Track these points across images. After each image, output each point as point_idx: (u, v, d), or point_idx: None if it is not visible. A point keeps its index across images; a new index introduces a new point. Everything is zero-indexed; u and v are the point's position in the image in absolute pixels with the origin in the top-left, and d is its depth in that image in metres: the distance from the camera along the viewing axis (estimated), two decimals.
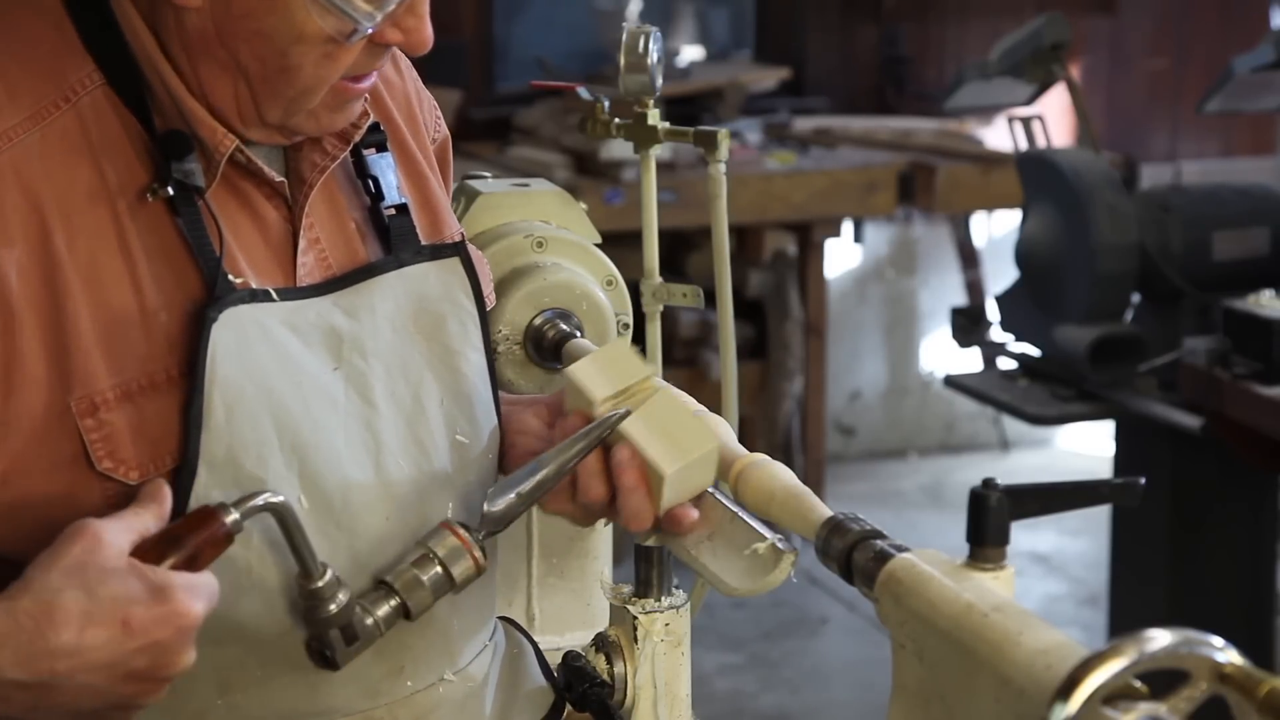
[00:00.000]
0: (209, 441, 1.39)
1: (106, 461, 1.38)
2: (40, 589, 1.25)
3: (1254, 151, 6.58)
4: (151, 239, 1.41)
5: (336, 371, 1.47)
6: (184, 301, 1.41)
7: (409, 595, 1.42)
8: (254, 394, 1.41)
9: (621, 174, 4.96)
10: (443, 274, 1.57)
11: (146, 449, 1.39)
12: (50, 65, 1.41)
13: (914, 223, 6.32)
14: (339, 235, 1.52)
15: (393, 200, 1.56)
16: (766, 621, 4.99)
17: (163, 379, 1.40)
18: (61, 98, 1.40)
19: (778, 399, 5.54)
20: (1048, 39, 4.05)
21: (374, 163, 1.56)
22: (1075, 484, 1.35)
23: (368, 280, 1.51)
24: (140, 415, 1.39)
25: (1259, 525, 3.80)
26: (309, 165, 1.50)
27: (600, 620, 1.84)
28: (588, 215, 2.01)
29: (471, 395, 1.56)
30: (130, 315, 1.39)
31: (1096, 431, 5.94)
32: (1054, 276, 3.82)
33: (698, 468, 1.47)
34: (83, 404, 1.37)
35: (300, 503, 1.43)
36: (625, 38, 1.94)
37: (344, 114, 1.47)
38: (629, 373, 1.51)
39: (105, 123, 1.41)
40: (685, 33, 5.97)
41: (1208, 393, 3.46)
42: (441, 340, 1.55)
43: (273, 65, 1.40)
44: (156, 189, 1.40)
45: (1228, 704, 1.07)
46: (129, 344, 1.39)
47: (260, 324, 1.43)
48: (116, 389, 1.38)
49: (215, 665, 1.42)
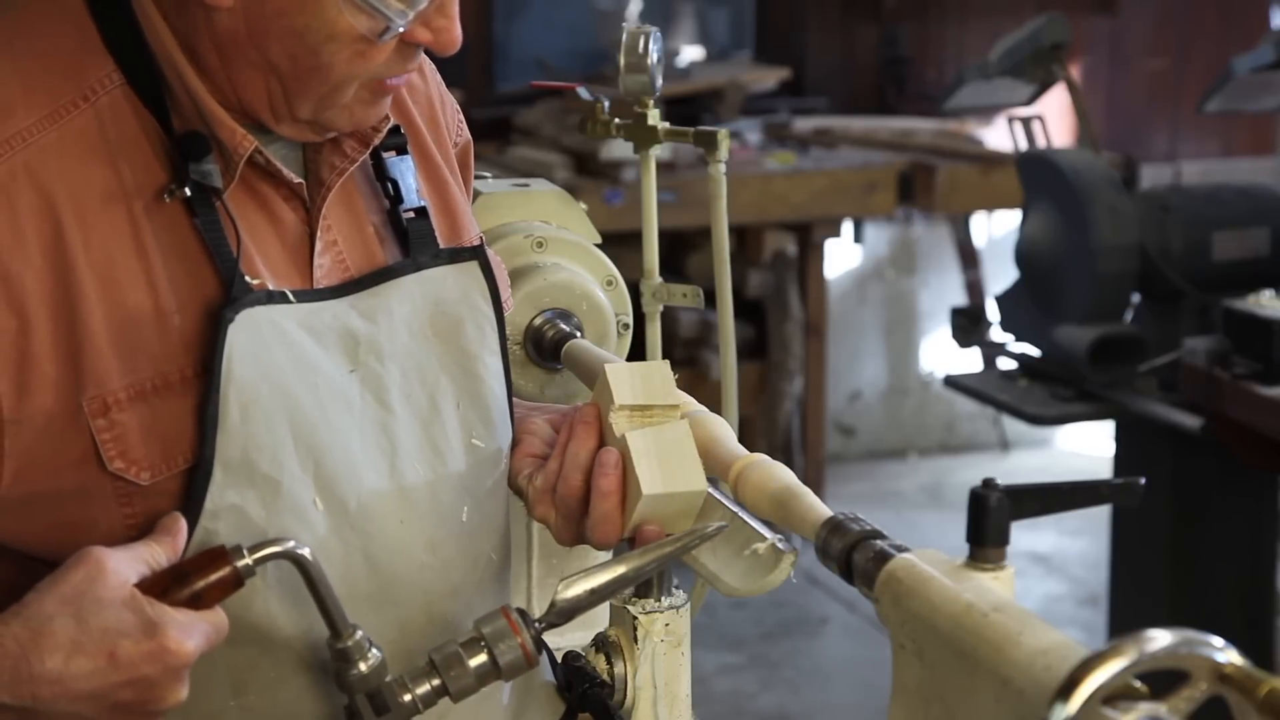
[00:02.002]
0: (224, 443, 1.39)
1: (118, 461, 1.37)
2: (33, 614, 1.26)
3: (1254, 151, 6.58)
4: (168, 239, 1.40)
5: (353, 374, 1.47)
6: (200, 302, 1.40)
7: (451, 678, 1.39)
8: (270, 395, 1.41)
9: (621, 174, 4.96)
10: (460, 278, 1.56)
11: (158, 449, 1.38)
12: (70, 64, 1.41)
13: (914, 223, 6.32)
14: (357, 238, 1.52)
15: (412, 203, 1.55)
16: (766, 621, 4.99)
17: (177, 379, 1.39)
18: (80, 97, 1.40)
19: (778, 399, 5.55)
20: (1048, 39, 4.05)
21: (393, 165, 1.55)
22: (1075, 484, 1.34)
23: (385, 283, 1.51)
24: (153, 416, 1.38)
25: (1259, 525, 3.80)
26: (328, 167, 1.49)
27: (600, 620, 1.84)
28: (588, 215, 2.01)
29: (488, 399, 1.56)
30: (145, 315, 1.39)
31: (1096, 431, 5.95)
32: (1054, 276, 3.82)
33: (678, 504, 1.46)
34: (95, 404, 1.37)
35: (315, 505, 1.43)
36: (625, 38, 1.94)
37: (377, 109, 1.47)
38: (660, 394, 1.50)
39: (123, 123, 1.41)
40: (685, 33, 5.98)
41: (1208, 393, 3.46)
42: (458, 344, 1.54)
43: (305, 64, 1.40)
44: (174, 189, 1.40)
45: (1228, 704, 1.07)
46: (143, 344, 1.38)
47: (276, 325, 1.42)
48: (129, 389, 1.38)
49: (229, 666, 1.42)
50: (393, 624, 1.48)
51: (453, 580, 1.52)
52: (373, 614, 1.46)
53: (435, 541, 1.50)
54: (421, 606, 1.50)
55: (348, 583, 1.44)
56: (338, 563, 1.43)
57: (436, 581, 1.51)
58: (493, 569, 1.58)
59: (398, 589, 1.48)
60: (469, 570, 1.54)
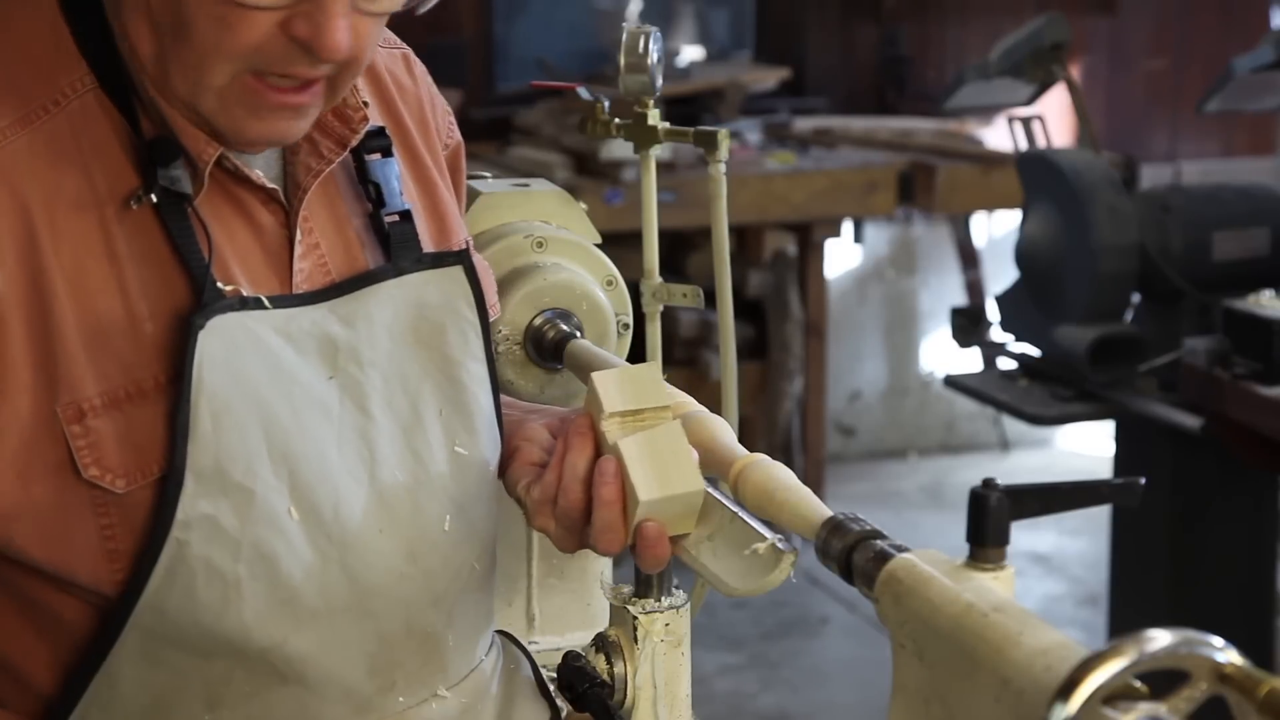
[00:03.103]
0: (195, 451, 1.37)
1: (93, 469, 1.36)
2: None
3: (1254, 151, 6.58)
4: (139, 245, 1.38)
5: (331, 381, 1.44)
6: (171, 309, 1.38)
7: None
8: (242, 403, 1.39)
9: (621, 174, 4.96)
10: (444, 283, 1.54)
11: (133, 457, 1.37)
12: (42, 66, 1.39)
13: (914, 223, 6.32)
14: (339, 242, 1.50)
15: (395, 206, 1.53)
16: (766, 621, 4.99)
17: (150, 386, 1.37)
18: (51, 101, 1.38)
19: (778, 399, 5.54)
20: (1048, 39, 4.05)
21: (377, 168, 1.53)
22: (1075, 484, 1.34)
23: (366, 288, 1.49)
24: (127, 423, 1.36)
25: (1259, 525, 3.80)
26: (303, 169, 1.47)
27: (600, 620, 1.84)
28: (588, 215, 2.01)
29: (471, 406, 1.54)
30: (117, 322, 1.37)
31: (1096, 431, 5.94)
32: (1054, 276, 3.82)
33: (677, 505, 1.46)
34: (69, 410, 1.35)
35: (290, 514, 1.41)
36: (625, 38, 1.94)
37: (263, 124, 1.38)
38: (649, 396, 1.50)
39: (95, 127, 1.39)
40: (685, 33, 5.97)
41: (1208, 393, 3.46)
42: (441, 350, 1.53)
43: (169, 17, 1.34)
44: (141, 195, 1.38)
45: (1228, 704, 1.07)
46: (115, 351, 1.36)
47: (250, 332, 1.40)
48: (103, 395, 1.36)
49: (203, 680, 1.41)
50: (372, 636, 1.46)
51: (434, 591, 1.50)
52: (351, 626, 1.44)
53: (416, 551, 1.48)
54: (402, 618, 1.48)
55: (325, 594, 1.42)
56: (315, 574, 1.41)
57: (417, 592, 1.49)
58: (476, 579, 1.56)
59: (377, 600, 1.46)
60: (451, 580, 1.52)
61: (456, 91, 5.38)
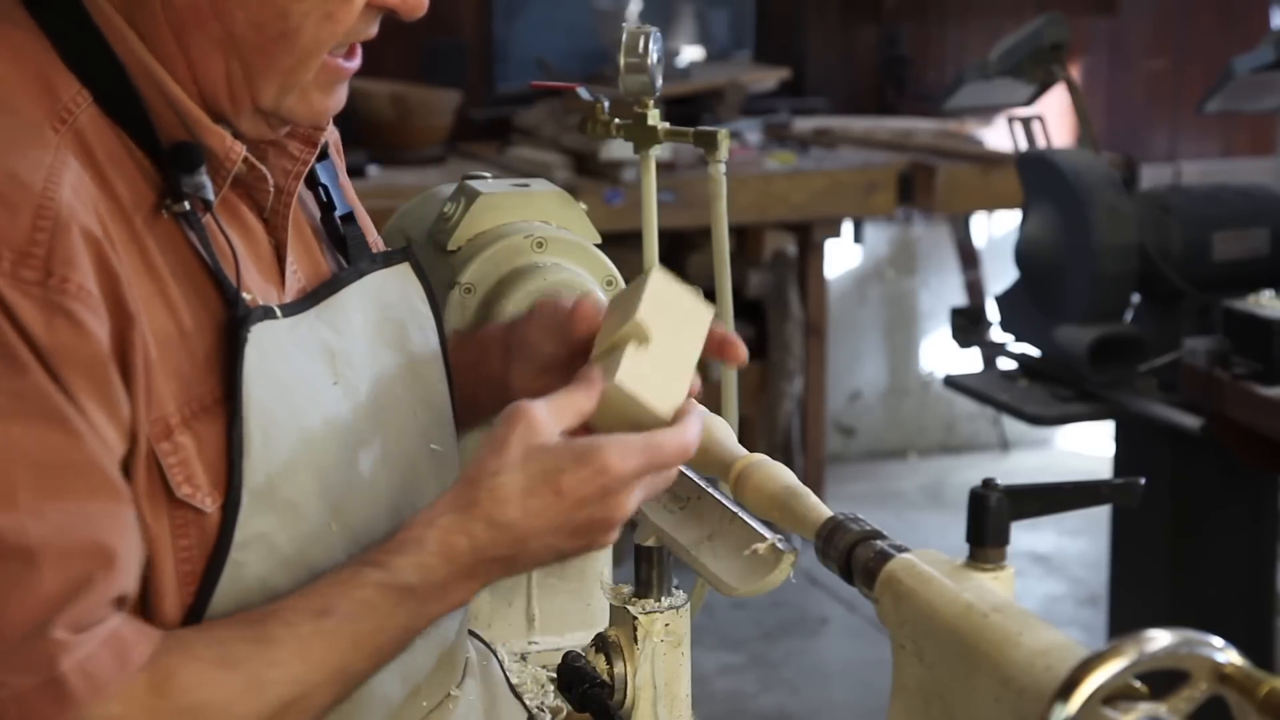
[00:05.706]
0: (249, 468, 1.33)
1: (185, 487, 1.31)
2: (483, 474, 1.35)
3: (1254, 151, 6.58)
4: (169, 256, 1.34)
5: (335, 386, 1.43)
6: (210, 321, 1.34)
7: None
8: (283, 416, 1.36)
9: (621, 174, 4.96)
10: (397, 281, 1.54)
11: (209, 475, 1.32)
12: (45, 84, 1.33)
13: (914, 223, 6.32)
14: (302, 246, 1.48)
15: (343, 208, 1.52)
16: (766, 621, 4.99)
17: (210, 401, 1.33)
18: (58, 120, 1.31)
19: (778, 399, 5.54)
20: (1048, 39, 4.05)
21: (322, 170, 1.51)
22: (1075, 484, 1.34)
23: (339, 292, 1.47)
24: (198, 441, 1.32)
25: (1259, 526, 3.80)
26: (280, 173, 1.44)
27: (600, 620, 1.84)
28: (588, 215, 2.01)
29: (439, 402, 1.54)
30: (172, 337, 1.32)
31: (1096, 431, 5.94)
32: (1054, 277, 3.82)
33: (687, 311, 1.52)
34: (157, 426, 1.29)
35: (331, 527, 1.39)
36: (625, 38, 1.94)
37: (334, 98, 1.41)
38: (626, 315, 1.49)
39: (106, 140, 1.33)
40: (685, 33, 5.97)
41: (1208, 393, 3.46)
42: (405, 348, 1.52)
43: (271, 30, 1.34)
44: (170, 204, 1.34)
45: (1228, 704, 1.07)
46: (174, 366, 1.32)
47: (276, 342, 1.37)
48: (180, 411, 1.31)
49: None
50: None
51: None
52: None
53: None
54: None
55: None
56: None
57: None
58: None
59: None
60: None
61: (457, 92, 5.38)
